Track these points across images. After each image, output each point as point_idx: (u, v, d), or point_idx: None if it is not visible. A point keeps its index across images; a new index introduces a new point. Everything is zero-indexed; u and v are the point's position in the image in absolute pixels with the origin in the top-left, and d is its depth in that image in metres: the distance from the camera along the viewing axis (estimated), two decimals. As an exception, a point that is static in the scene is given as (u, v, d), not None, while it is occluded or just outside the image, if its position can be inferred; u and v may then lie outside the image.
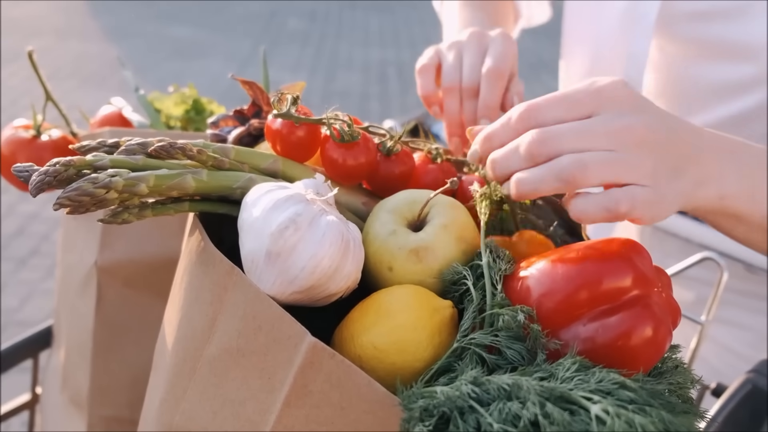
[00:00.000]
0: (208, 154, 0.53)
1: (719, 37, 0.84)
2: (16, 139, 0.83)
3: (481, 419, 0.41)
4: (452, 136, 0.77)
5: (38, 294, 2.55)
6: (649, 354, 0.46)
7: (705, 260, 0.83)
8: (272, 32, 6.17)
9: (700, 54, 0.87)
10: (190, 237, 0.54)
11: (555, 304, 0.48)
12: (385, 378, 0.47)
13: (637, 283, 0.47)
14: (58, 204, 0.47)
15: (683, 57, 0.89)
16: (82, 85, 4.51)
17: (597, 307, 0.47)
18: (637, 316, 0.46)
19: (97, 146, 0.52)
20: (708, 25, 0.84)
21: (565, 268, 0.48)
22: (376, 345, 0.48)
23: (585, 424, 0.39)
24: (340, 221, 0.49)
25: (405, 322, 0.48)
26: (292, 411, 0.45)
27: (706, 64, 0.87)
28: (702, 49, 0.86)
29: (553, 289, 0.48)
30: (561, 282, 0.48)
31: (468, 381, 0.43)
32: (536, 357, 0.46)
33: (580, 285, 0.47)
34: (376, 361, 0.48)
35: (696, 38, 0.86)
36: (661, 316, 0.47)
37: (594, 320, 0.47)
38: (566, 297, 0.47)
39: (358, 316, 0.50)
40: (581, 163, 0.50)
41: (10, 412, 0.92)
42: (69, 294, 0.83)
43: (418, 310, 0.49)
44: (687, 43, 0.88)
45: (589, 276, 0.47)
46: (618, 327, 0.46)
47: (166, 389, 0.52)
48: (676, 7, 0.85)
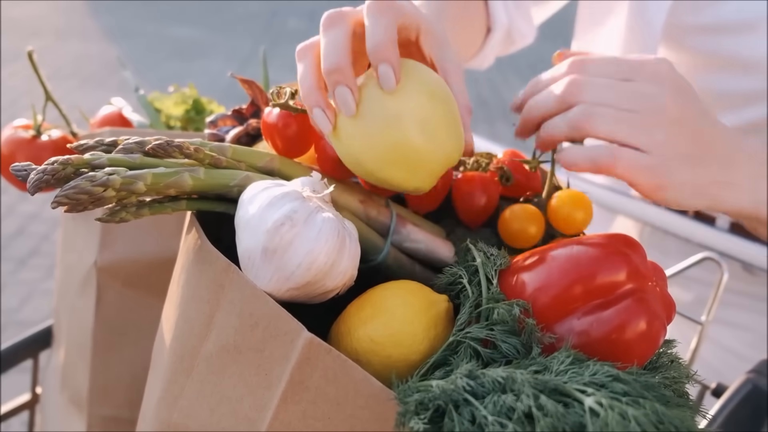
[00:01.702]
0: (205, 153, 0.53)
1: (727, 51, 0.84)
2: (16, 139, 0.83)
3: (475, 412, 0.41)
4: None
5: (38, 294, 2.55)
6: (644, 348, 0.47)
7: (705, 260, 0.83)
8: (272, 32, 6.17)
9: (708, 65, 0.87)
10: (187, 235, 0.54)
11: (550, 299, 0.48)
12: (382, 371, 0.48)
13: (631, 276, 0.48)
14: (56, 202, 0.47)
15: (690, 68, 0.89)
16: (82, 85, 4.51)
17: (591, 301, 0.47)
18: (631, 310, 0.46)
19: (94, 145, 0.53)
20: (716, 38, 0.84)
21: (560, 262, 0.49)
22: (373, 338, 0.48)
23: (579, 416, 0.39)
24: (336, 218, 0.49)
25: (401, 315, 0.49)
26: (289, 407, 0.45)
27: (713, 76, 0.87)
28: (709, 61, 0.86)
29: (548, 284, 0.48)
30: (555, 276, 0.48)
31: (463, 374, 0.43)
32: (531, 351, 0.46)
33: (574, 279, 0.48)
34: (373, 354, 0.48)
35: (704, 50, 0.86)
36: (655, 309, 0.47)
37: (588, 314, 0.47)
38: (561, 291, 0.48)
39: (355, 310, 0.51)
40: (590, 112, 0.52)
41: (10, 412, 0.92)
42: (68, 294, 0.83)
43: (414, 304, 0.49)
44: (694, 54, 0.88)
45: (583, 270, 0.48)
46: (612, 320, 0.46)
47: (164, 387, 0.53)
48: (684, 19, 0.85)
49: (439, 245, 0.60)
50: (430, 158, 0.51)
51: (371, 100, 0.51)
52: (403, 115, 0.50)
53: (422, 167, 0.52)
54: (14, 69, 4.46)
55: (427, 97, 0.51)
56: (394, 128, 0.50)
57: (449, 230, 0.65)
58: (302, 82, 0.53)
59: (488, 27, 0.96)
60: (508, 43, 1.01)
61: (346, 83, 0.49)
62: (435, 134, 0.51)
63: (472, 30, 0.94)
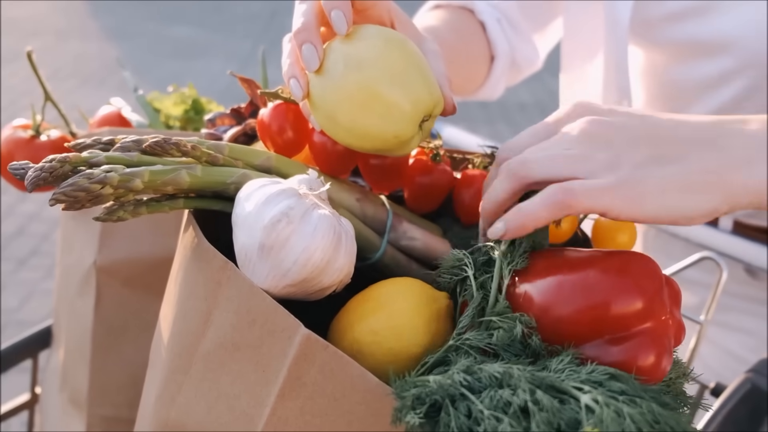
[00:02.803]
0: (203, 150, 0.53)
1: (693, 36, 0.85)
2: (15, 139, 0.83)
3: (472, 406, 0.41)
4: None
5: (38, 294, 2.55)
6: (649, 378, 0.45)
7: (705, 260, 0.83)
8: (272, 32, 6.17)
9: (679, 55, 0.88)
10: (185, 233, 0.54)
11: (555, 321, 0.46)
12: (383, 365, 0.48)
13: (647, 313, 0.45)
14: (54, 200, 0.48)
15: (665, 60, 0.90)
16: (81, 85, 4.52)
17: (601, 333, 0.45)
18: (642, 347, 0.45)
19: (92, 143, 0.53)
20: (681, 25, 0.85)
21: (573, 283, 0.47)
22: (375, 330, 0.49)
23: (574, 412, 0.39)
24: (332, 215, 0.50)
25: (402, 309, 0.49)
26: (287, 403, 0.45)
27: (687, 64, 0.88)
28: (680, 50, 0.88)
29: (556, 304, 0.47)
30: (566, 298, 0.46)
31: (460, 370, 0.44)
32: (534, 358, 0.46)
33: (585, 306, 0.46)
34: (375, 346, 0.49)
35: (672, 40, 0.87)
36: (666, 344, 0.46)
37: (597, 347, 0.46)
38: (569, 315, 0.46)
39: (356, 305, 0.51)
40: (523, 159, 0.50)
41: (10, 412, 0.92)
42: (68, 294, 0.83)
43: (415, 298, 0.50)
44: (665, 46, 0.89)
45: (596, 298, 0.46)
46: (620, 355, 0.45)
47: (162, 385, 0.53)
48: (649, 11, 0.87)
49: (436, 243, 0.60)
50: (398, 99, 0.53)
51: (334, 53, 0.54)
52: (362, 59, 0.53)
53: (393, 111, 0.53)
54: (14, 69, 4.47)
55: (384, 42, 0.54)
56: (356, 72, 0.53)
57: (446, 228, 0.65)
58: (284, 58, 0.58)
59: (492, 55, 0.96)
60: (515, 71, 1.00)
61: (311, 41, 0.54)
62: (398, 76, 0.53)
63: (475, 60, 0.94)
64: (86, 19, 5.98)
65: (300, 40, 0.54)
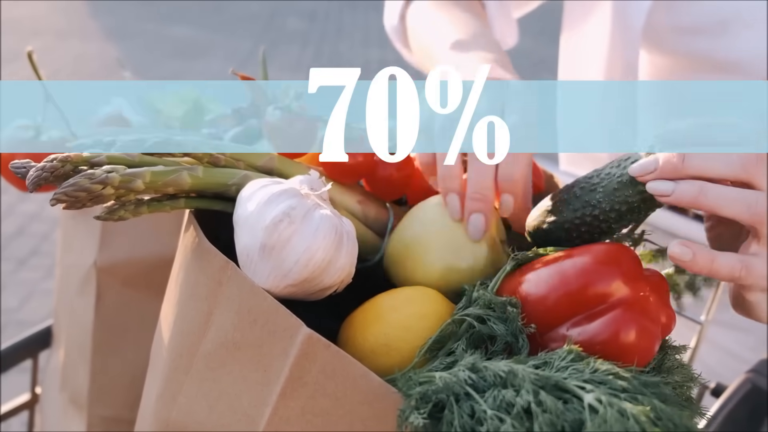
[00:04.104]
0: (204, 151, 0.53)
1: (705, 52, 0.85)
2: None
3: (475, 406, 0.42)
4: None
5: (38, 294, 2.55)
6: (636, 359, 0.46)
7: None
8: (272, 32, 6.17)
9: (687, 68, 0.88)
10: (186, 233, 0.54)
11: (541, 313, 0.49)
12: (394, 367, 0.49)
13: (619, 288, 0.47)
14: (55, 199, 0.48)
15: (671, 69, 0.90)
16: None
17: (578, 313, 0.47)
18: (619, 321, 0.46)
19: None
20: (694, 39, 0.85)
21: (550, 275, 0.49)
22: (388, 333, 0.50)
23: (578, 412, 0.39)
24: (333, 215, 0.50)
25: (415, 312, 0.50)
26: (288, 402, 0.45)
27: (693, 78, 0.88)
28: (688, 63, 0.88)
29: (539, 297, 0.49)
30: (544, 289, 0.49)
31: (466, 367, 0.44)
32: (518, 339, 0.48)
33: (563, 293, 0.48)
34: (387, 348, 0.49)
35: (682, 52, 0.87)
36: (644, 319, 0.47)
37: (575, 326, 0.47)
38: (551, 305, 0.48)
39: (369, 309, 0.52)
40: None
41: (10, 412, 0.92)
42: (68, 294, 0.83)
43: (427, 303, 0.51)
44: (674, 56, 0.89)
45: (571, 283, 0.48)
46: (599, 333, 0.46)
47: (163, 385, 0.53)
48: (661, 21, 0.86)
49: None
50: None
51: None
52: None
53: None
54: (14, 69, 4.46)
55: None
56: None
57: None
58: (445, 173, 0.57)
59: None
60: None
61: (485, 212, 0.55)
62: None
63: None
64: (86, 19, 5.98)
65: (473, 208, 0.55)
